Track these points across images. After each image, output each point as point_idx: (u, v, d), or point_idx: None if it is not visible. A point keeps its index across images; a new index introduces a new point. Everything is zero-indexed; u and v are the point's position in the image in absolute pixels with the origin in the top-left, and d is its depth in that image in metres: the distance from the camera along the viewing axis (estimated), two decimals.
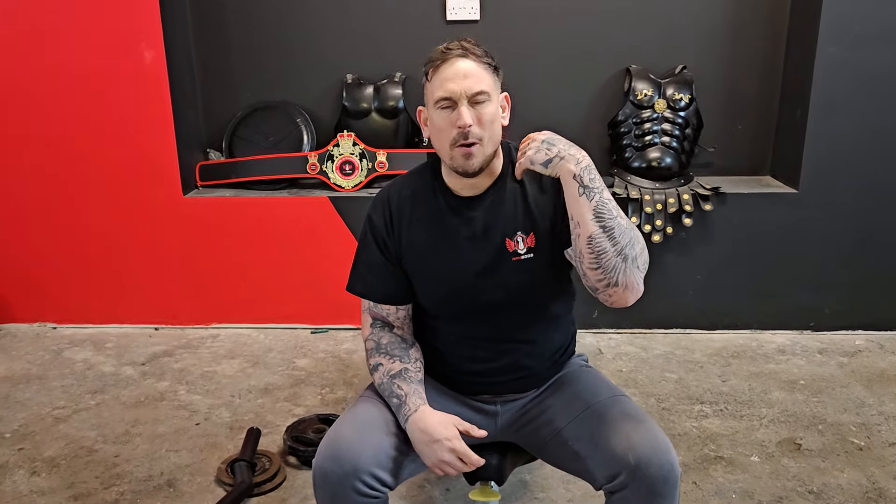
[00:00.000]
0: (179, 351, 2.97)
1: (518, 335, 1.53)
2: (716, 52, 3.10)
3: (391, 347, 1.52)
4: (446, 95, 1.41)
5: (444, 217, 1.51)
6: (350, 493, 1.34)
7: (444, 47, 1.44)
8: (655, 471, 1.29)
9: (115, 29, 2.90)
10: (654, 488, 1.30)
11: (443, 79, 1.41)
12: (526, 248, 1.48)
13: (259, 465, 2.14)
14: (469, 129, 1.39)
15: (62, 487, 2.09)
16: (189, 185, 3.13)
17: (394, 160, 3.06)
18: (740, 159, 3.21)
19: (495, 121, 1.44)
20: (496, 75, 1.46)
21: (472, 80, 1.40)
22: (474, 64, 1.41)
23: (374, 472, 1.36)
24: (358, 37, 3.16)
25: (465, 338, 1.54)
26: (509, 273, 1.48)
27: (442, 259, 1.50)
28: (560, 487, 2.04)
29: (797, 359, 2.83)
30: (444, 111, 1.42)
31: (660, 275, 3.01)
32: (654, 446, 1.32)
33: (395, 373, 1.48)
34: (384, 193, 1.57)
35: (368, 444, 1.38)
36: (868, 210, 2.93)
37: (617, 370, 2.74)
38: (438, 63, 1.42)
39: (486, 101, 1.41)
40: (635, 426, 1.36)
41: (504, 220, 1.48)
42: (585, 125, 3.19)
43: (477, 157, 1.42)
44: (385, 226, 1.54)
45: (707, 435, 2.31)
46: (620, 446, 1.33)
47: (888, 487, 2.04)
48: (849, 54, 2.80)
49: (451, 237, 1.50)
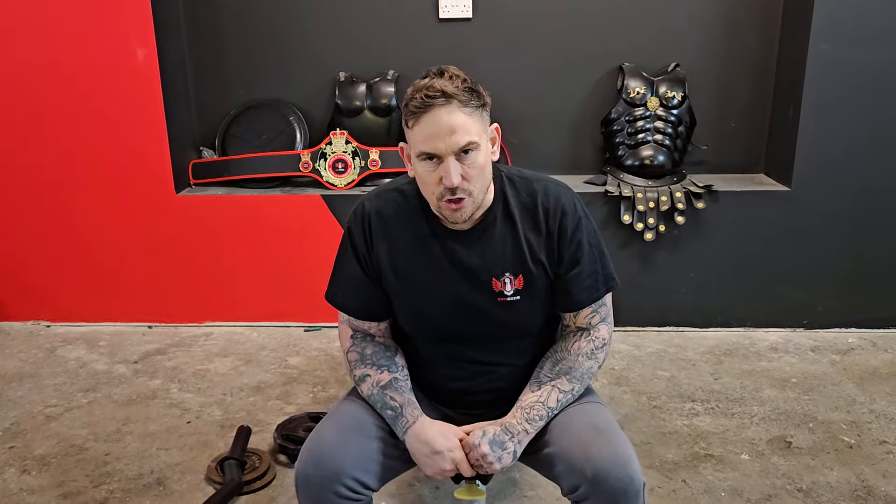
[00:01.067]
0: (172, 349, 2.97)
1: (498, 359, 1.52)
2: (709, 49, 3.09)
3: (377, 357, 1.50)
4: (430, 151, 1.30)
5: (429, 245, 1.44)
6: (332, 497, 1.33)
7: (423, 94, 1.28)
8: (613, 483, 1.28)
9: (107, 28, 2.89)
10: (614, 500, 1.29)
11: (426, 134, 1.29)
12: (513, 290, 1.43)
13: (249, 463, 2.14)
14: (457, 186, 1.30)
15: (52, 486, 2.09)
16: (182, 183, 3.13)
17: (386, 158, 3.06)
18: (733, 157, 3.21)
19: (486, 167, 1.34)
20: (484, 112, 1.34)
21: (458, 134, 1.28)
22: (459, 112, 1.28)
23: (356, 476, 1.35)
24: (350, 35, 3.16)
25: (444, 358, 1.52)
26: (493, 312, 1.45)
27: (424, 288, 1.45)
28: (549, 485, 2.04)
29: (789, 356, 2.83)
30: (429, 163, 1.31)
31: (652, 273, 3.01)
32: (613, 459, 1.30)
33: (385, 384, 1.46)
34: (363, 208, 1.48)
35: (350, 447, 1.37)
36: (861, 208, 2.93)
37: (609, 368, 2.74)
38: (419, 114, 1.29)
39: (474, 151, 1.30)
40: (595, 437, 1.35)
41: (493, 258, 1.42)
42: (578, 123, 3.19)
43: (467, 209, 1.35)
44: (364, 242, 1.47)
45: (698, 433, 2.31)
46: (579, 458, 1.33)
47: (877, 485, 2.04)
48: (841, 52, 2.80)
49: (435, 267, 1.44)
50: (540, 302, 1.47)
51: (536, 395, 1.44)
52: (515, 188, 1.46)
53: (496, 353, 1.51)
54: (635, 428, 2.34)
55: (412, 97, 1.30)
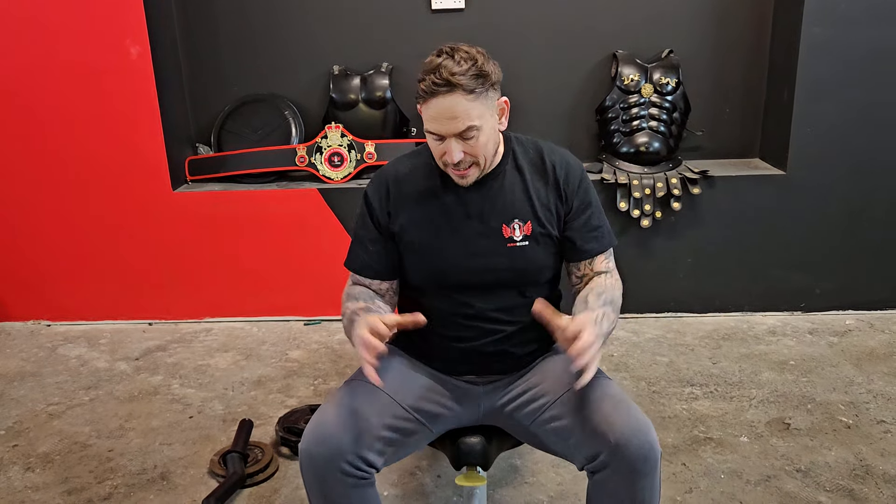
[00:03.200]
0: (173, 345, 2.98)
1: (504, 317, 1.54)
2: (702, 35, 3.09)
3: (361, 295, 1.54)
4: (434, 132, 1.42)
5: (441, 196, 1.53)
6: (336, 474, 1.36)
7: (431, 79, 1.36)
8: (635, 450, 1.31)
9: (100, 25, 2.89)
10: (635, 467, 1.31)
11: (430, 116, 1.40)
12: (522, 236, 1.50)
13: (251, 456, 2.16)
14: (459, 161, 1.42)
15: (56, 482, 2.10)
16: (178, 179, 3.13)
17: (382, 151, 3.06)
18: (729, 142, 3.21)
19: (489, 142, 1.44)
20: (490, 92, 1.41)
21: (459, 120, 1.38)
22: (462, 100, 1.36)
23: (359, 453, 1.37)
24: (344, 28, 3.16)
25: (451, 315, 1.54)
26: (502, 257, 1.50)
27: (435, 236, 1.52)
28: (550, 472, 2.06)
29: (787, 339, 2.84)
30: (435, 136, 1.43)
31: (650, 259, 3.02)
32: (634, 426, 1.33)
33: (359, 309, 1.47)
34: (384, 170, 1.59)
35: (353, 425, 1.39)
36: (857, 190, 2.94)
37: (608, 355, 2.76)
38: (426, 98, 1.39)
39: (475, 133, 1.41)
40: (615, 406, 1.38)
41: (503, 206, 1.51)
42: (573, 111, 3.19)
43: (472, 176, 1.47)
44: (380, 200, 1.55)
45: (697, 416, 2.33)
46: (601, 426, 1.35)
47: (875, 464, 2.06)
48: (834, 34, 2.80)
49: (447, 216, 1.52)
50: (547, 248, 1.53)
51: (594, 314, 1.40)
52: (523, 146, 1.58)
53: (504, 309, 1.54)
54: None
55: (423, 78, 1.39)
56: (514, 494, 1.99)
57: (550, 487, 2.01)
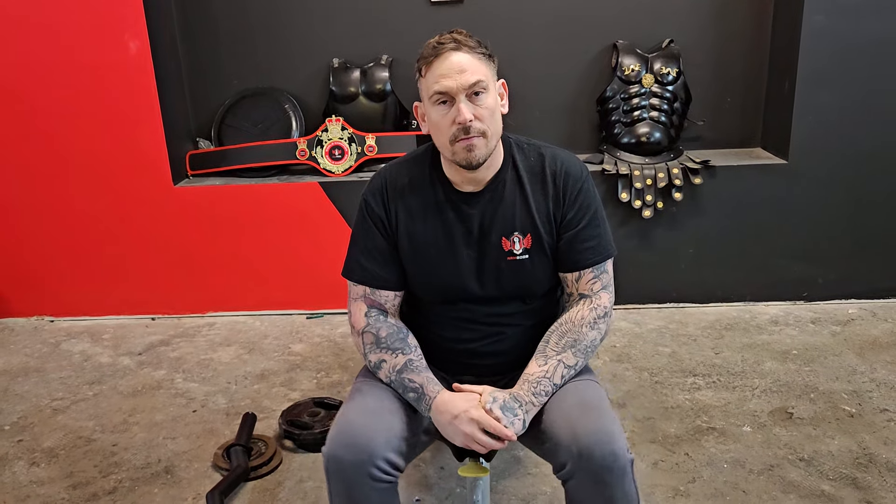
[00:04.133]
0: (176, 340, 2.98)
1: (505, 320, 1.55)
2: (702, 24, 3.08)
3: (391, 341, 1.51)
4: (442, 90, 1.38)
5: (442, 210, 1.50)
6: (366, 480, 1.33)
7: (435, 41, 1.40)
8: (598, 461, 1.29)
9: (99, 21, 2.89)
10: (600, 477, 1.30)
11: (437, 74, 1.38)
12: (522, 249, 1.49)
13: (255, 449, 2.16)
14: (470, 124, 1.37)
15: (61, 477, 2.11)
16: (179, 174, 3.13)
17: (383, 143, 3.06)
18: (730, 132, 3.20)
19: (495, 111, 1.42)
20: (491, 64, 1.43)
21: (468, 73, 1.37)
22: (468, 56, 1.38)
23: (387, 457, 1.35)
24: (343, 21, 3.15)
25: (452, 319, 1.55)
26: (503, 271, 1.49)
27: (437, 252, 1.50)
28: None
29: (790, 329, 2.84)
30: (442, 107, 1.40)
31: (652, 250, 3.02)
32: (597, 437, 1.31)
33: (402, 367, 1.48)
34: (380, 178, 1.54)
35: (380, 429, 1.38)
36: (858, 179, 2.93)
37: (611, 346, 2.76)
38: (431, 59, 1.39)
39: (484, 93, 1.39)
40: (581, 414, 1.37)
41: (502, 219, 1.49)
42: (573, 102, 3.18)
43: (480, 149, 1.40)
44: (384, 208, 1.52)
45: (699, 407, 2.33)
46: (566, 435, 1.34)
47: (878, 453, 2.06)
48: (835, 23, 2.78)
49: (448, 232, 1.50)
50: (546, 261, 1.51)
51: (543, 370, 1.45)
52: (524, 153, 1.53)
53: (504, 315, 1.54)
54: (637, 404, 2.36)
55: (425, 48, 1.41)
56: (516, 486, 1.99)
57: (553, 479, 1.98)
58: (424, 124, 1.48)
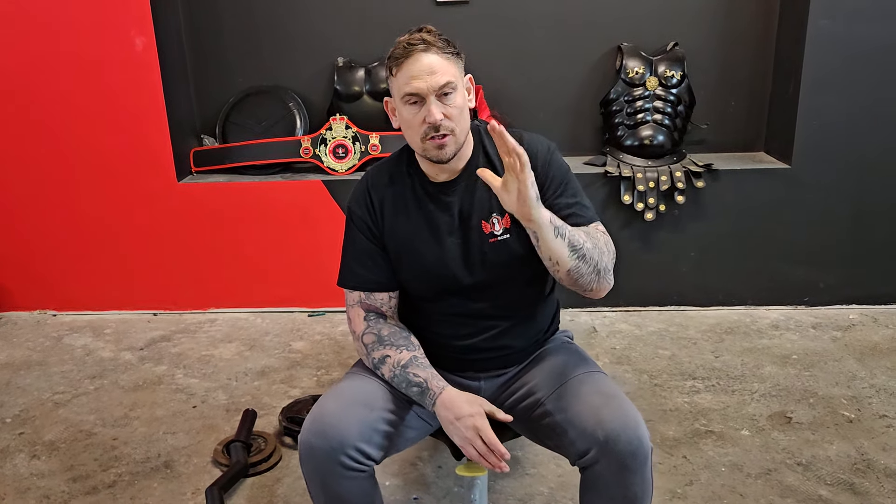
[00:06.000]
0: (177, 336, 3.00)
1: (500, 313, 1.55)
2: (707, 28, 3.08)
3: (394, 338, 1.52)
4: (413, 91, 1.40)
5: (422, 202, 1.52)
6: (336, 467, 1.37)
7: (405, 41, 1.42)
8: (624, 446, 1.31)
9: (106, 17, 2.90)
10: (624, 463, 1.31)
11: (408, 76, 1.40)
12: (502, 229, 1.50)
13: (255, 445, 2.17)
14: (440, 123, 1.40)
15: (61, 470, 2.12)
16: (184, 171, 3.15)
17: (386, 142, 3.07)
18: (733, 135, 3.20)
19: (464, 109, 1.45)
20: (459, 62, 1.46)
21: (437, 74, 1.39)
22: (437, 57, 1.40)
23: (358, 447, 1.38)
24: (348, 20, 3.16)
25: (448, 315, 1.55)
26: (487, 254, 1.50)
27: (423, 245, 1.52)
28: (550, 463, 2.07)
29: (790, 334, 2.84)
30: (413, 107, 1.42)
31: (654, 252, 3.02)
32: (623, 422, 1.33)
33: (406, 362, 1.48)
34: (363, 183, 1.58)
35: (353, 418, 1.40)
36: (861, 184, 2.93)
37: (611, 348, 2.76)
38: (402, 60, 1.41)
39: (453, 93, 1.41)
40: (605, 402, 1.38)
41: (479, 202, 1.50)
42: (577, 104, 3.19)
43: (450, 146, 1.43)
44: (368, 212, 1.54)
45: (698, 410, 2.33)
46: (590, 422, 1.35)
47: (877, 458, 2.06)
48: (840, 28, 2.78)
49: (430, 223, 1.52)
50: (528, 236, 1.45)
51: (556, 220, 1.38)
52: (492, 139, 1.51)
53: (497, 308, 1.54)
54: (636, 406, 2.33)
55: (395, 48, 1.43)
56: (514, 486, 2.00)
57: (551, 479, 2.02)
58: (395, 119, 1.50)
